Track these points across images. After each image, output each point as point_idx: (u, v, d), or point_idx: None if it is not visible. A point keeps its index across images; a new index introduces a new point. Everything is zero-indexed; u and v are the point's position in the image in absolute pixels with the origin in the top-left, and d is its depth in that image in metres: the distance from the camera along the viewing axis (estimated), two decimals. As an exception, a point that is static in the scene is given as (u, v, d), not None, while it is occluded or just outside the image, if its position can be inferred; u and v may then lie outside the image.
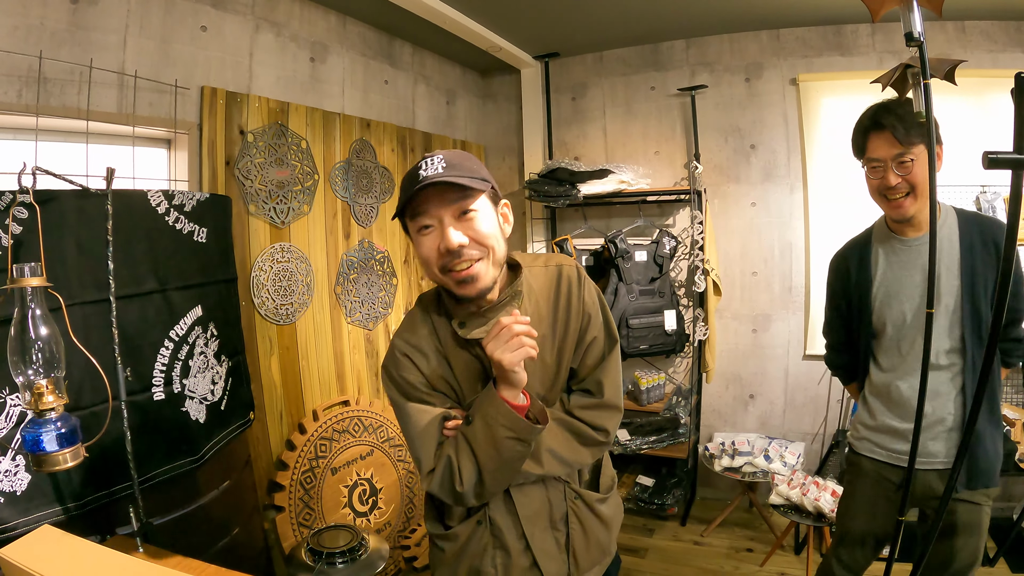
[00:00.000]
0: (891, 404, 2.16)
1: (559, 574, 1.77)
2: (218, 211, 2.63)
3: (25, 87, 2.17)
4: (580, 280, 1.72)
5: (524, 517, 1.73)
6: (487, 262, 1.53)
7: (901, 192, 1.99)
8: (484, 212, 1.54)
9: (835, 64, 4.10)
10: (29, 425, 1.46)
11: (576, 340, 1.69)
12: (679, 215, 4.58)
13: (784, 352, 4.40)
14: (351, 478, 3.54)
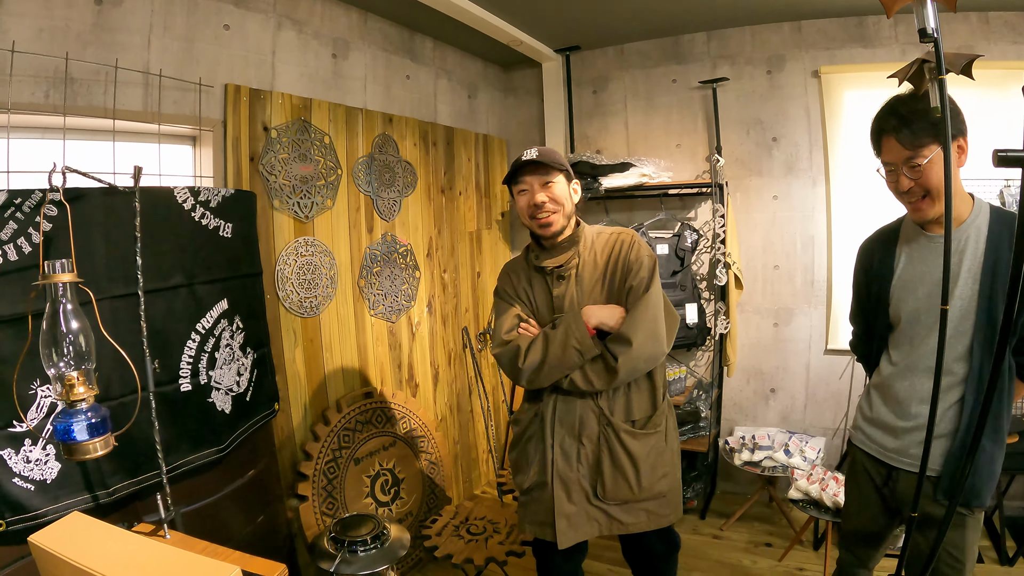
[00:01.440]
0: (889, 400, 2.13)
1: (569, 477, 2.42)
2: (243, 206, 2.68)
3: (52, 88, 2.22)
4: (632, 243, 2.40)
5: (558, 420, 2.43)
6: (559, 215, 2.38)
7: (916, 195, 1.93)
8: (559, 184, 2.39)
9: (857, 56, 4.07)
10: (60, 415, 1.51)
11: (620, 284, 2.38)
12: (701, 208, 4.57)
13: (806, 346, 4.39)
14: (373, 468, 3.60)
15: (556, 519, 2.42)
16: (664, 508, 2.48)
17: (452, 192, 4.54)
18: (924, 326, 2.03)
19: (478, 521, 3.34)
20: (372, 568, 2.49)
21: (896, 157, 1.92)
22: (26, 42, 2.11)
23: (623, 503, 2.43)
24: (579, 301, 2.40)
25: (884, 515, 2.24)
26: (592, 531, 2.46)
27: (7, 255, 1.79)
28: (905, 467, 2.08)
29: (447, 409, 4.51)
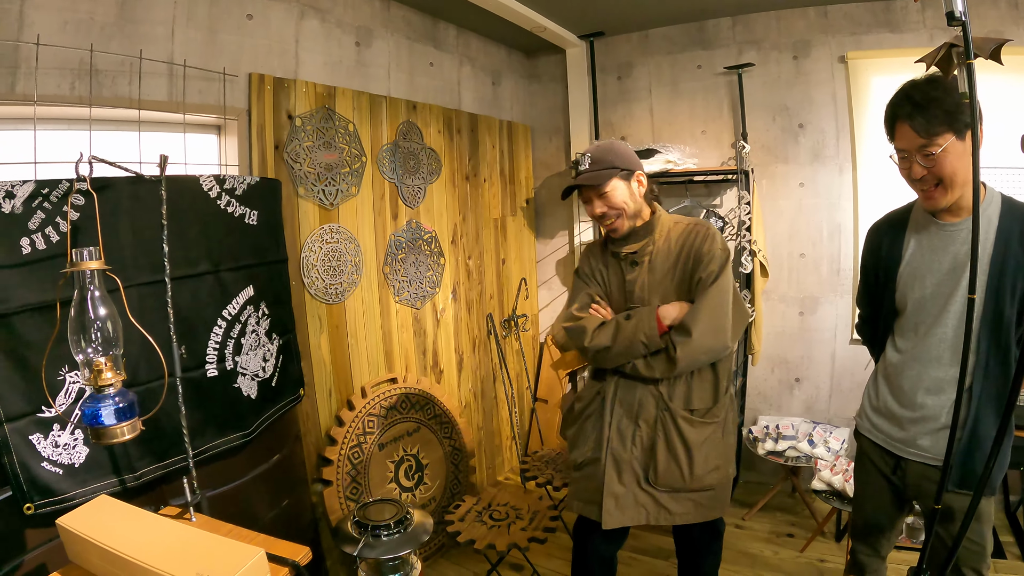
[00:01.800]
0: (895, 389, 2.11)
1: (622, 458, 2.48)
2: (268, 194, 2.70)
3: (77, 79, 2.24)
4: (705, 235, 2.39)
5: (618, 401, 2.51)
6: (622, 219, 2.44)
7: (929, 183, 1.89)
8: (616, 190, 2.40)
9: (884, 41, 3.99)
10: (88, 400, 1.53)
11: (690, 275, 2.39)
12: (726, 195, 4.53)
13: (831, 336, 4.34)
14: (398, 454, 3.63)
15: (604, 498, 2.47)
16: (712, 502, 2.51)
17: (477, 179, 4.54)
18: (930, 315, 2.00)
19: (501, 507, 3.36)
20: (395, 552, 2.52)
21: (909, 144, 1.88)
22: (51, 35, 2.13)
23: (673, 491, 2.47)
24: (649, 288, 2.45)
25: (893, 504, 2.23)
26: (639, 517, 2.49)
27: (35, 244, 1.83)
28: (913, 458, 2.06)
29: (471, 395, 4.53)
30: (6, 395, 1.78)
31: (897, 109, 1.90)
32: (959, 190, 1.87)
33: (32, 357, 1.81)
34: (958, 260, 1.93)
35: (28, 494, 1.83)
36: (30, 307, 1.81)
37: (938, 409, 1.99)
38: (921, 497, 2.10)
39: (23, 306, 1.80)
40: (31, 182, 1.82)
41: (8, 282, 1.78)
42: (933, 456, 2.01)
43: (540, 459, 3.97)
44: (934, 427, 2.00)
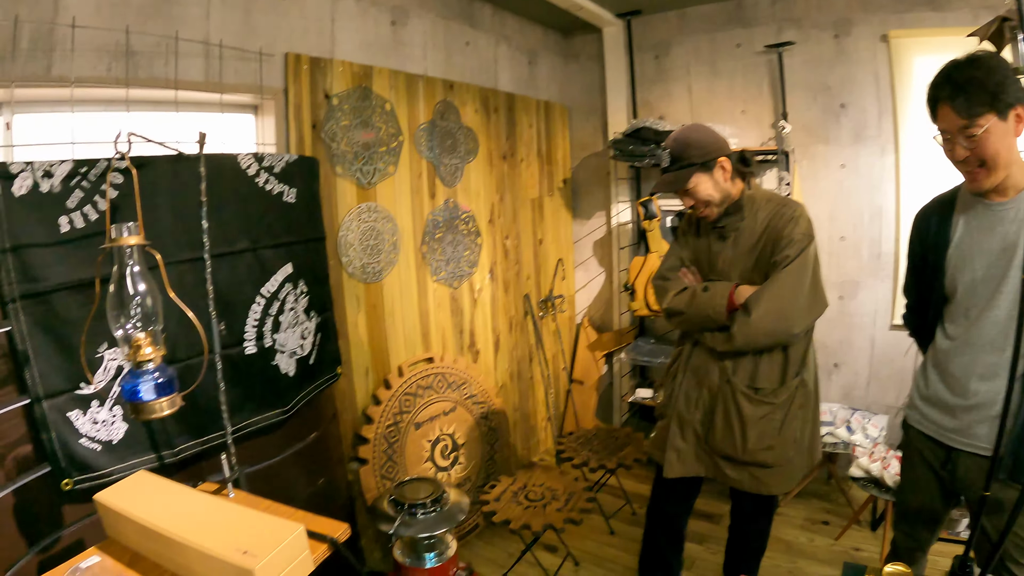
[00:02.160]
0: (946, 376, 2.05)
1: (685, 418, 2.67)
2: (306, 172, 2.70)
3: (114, 61, 2.25)
4: (791, 218, 2.42)
5: (690, 366, 2.68)
6: (711, 207, 2.51)
7: (972, 164, 1.83)
8: (699, 184, 2.46)
9: (927, 20, 3.84)
10: (128, 376, 1.54)
11: (768, 255, 2.44)
12: (766, 176, 4.43)
13: (871, 321, 4.25)
14: (434, 433, 3.64)
15: (667, 450, 2.70)
16: (769, 478, 2.57)
17: (514, 159, 4.51)
18: (982, 298, 1.93)
19: (536, 488, 3.35)
20: (431, 531, 2.53)
21: (951, 125, 1.82)
22: (86, 17, 2.14)
23: (729, 459, 2.60)
24: (731, 262, 2.55)
25: (941, 497, 2.18)
26: (700, 470, 2.70)
27: (73, 223, 1.84)
28: (965, 448, 2.00)
29: (507, 376, 4.53)
30: (45, 372, 1.81)
31: (938, 91, 1.85)
32: (1003, 171, 1.82)
33: (70, 335, 1.83)
34: (1008, 240, 1.87)
35: (66, 470, 1.86)
36: (68, 285, 1.84)
37: (992, 396, 1.91)
38: (969, 490, 2.04)
39: (61, 284, 1.83)
40: (69, 161, 1.83)
41: (46, 260, 1.80)
42: (986, 447, 1.93)
43: (576, 440, 3.96)
44: (989, 415, 1.93)
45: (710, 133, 2.54)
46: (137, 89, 2.31)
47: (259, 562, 1.32)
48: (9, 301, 1.74)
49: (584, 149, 5.26)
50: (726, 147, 2.52)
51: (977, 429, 1.96)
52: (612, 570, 3.48)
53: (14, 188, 1.73)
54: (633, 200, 4.91)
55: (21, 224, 1.75)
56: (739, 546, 2.95)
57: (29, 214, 1.77)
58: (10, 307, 1.74)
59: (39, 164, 1.78)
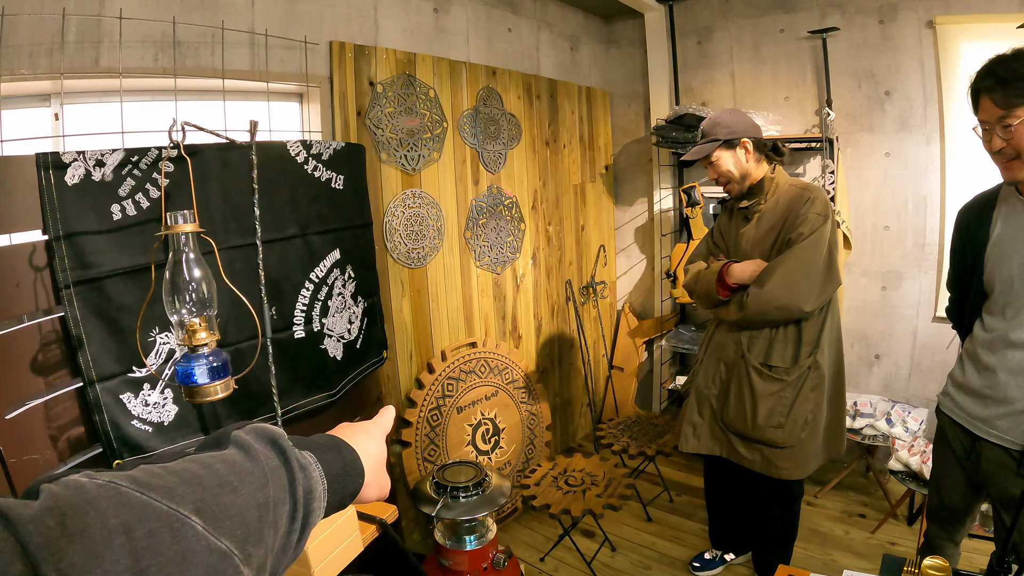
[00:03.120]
0: (981, 368, 2.05)
1: (702, 393, 2.84)
2: (353, 159, 2.74)
3: (161, 51, 2.30)
4: (809, 200, 2.54)
5: (712, 344, 2.85)
6: (732, 183, 2.71)
7: (1008, 156, 1.83)
8: (721, 159, 2.67)
9: (973, 6, 3.70)
10: (182, 360, 1.59)
11: (787, 233, 2.55)
12: (810, 164, 4.37)
13: (913, 312, 4.17)
14: (475, 417, 3.67)
15: (683, 425, 2.89)
16: (780, 460, 2.66)
17: (556, 145, 4.51)
18: (1018, 296, 1.93)
19: (576, 473, 3.38)
20: (472, 514, 2.57)
21: (990, 116, 1.83)
22: (132, 9, 2.18)
23: (741, 436, 2.72)
24: (753, 243, 2.70)
25: (968, 488, 2.18)
26: (714, 448, 2.83)
27: (125, 210, 1.89)
28: (989, 438, 2.00)
29: (548, 361, 4.55)
30: (97, 356, 1.86)
31: (979, 82, 1.85)
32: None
33: (123, 319, 1.89)
34: None
35: (118, 451, 1.92)
36: (121, 271, 1.89)
37: (1020, 391, 1.93)
38: (991, 483, 2.04)
39: (114, 270, 1.88)
40: (120, 151, 1.88)
41: (100, 247, 1.85)
42: (1010, 439, 1.95)
43: (615, 426, 3.97)
44: (1015, 409, 1.94)
45: (741, 117, 2.71)
46: (184, 79, 2.36)
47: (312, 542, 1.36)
48: (63, 287, 1.79)
49: (626, 135, 5.24)
50: (754, 132, 2.69)
51: (1003, 421, 1.97)
52: (648, 556, 3.49)
53: (67, 177, 1.78)
54: (676, 187, 4.87)
55: (74, 212, 1.81)
56: (760, 531, 2.99)
57: (81, 202, 1.82)
58: (64, 293, 1.80)
59: (91, 153, 1.82)
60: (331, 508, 0.79)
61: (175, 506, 0.55)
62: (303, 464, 0.74)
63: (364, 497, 0.89)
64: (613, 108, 5.26)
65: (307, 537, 0.73)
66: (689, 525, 3.77)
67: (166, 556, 0.52)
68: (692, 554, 3.41)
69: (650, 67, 4.88)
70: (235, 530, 0.59)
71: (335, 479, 0.79)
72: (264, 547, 0.63)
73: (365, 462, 0.87)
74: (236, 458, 0.67)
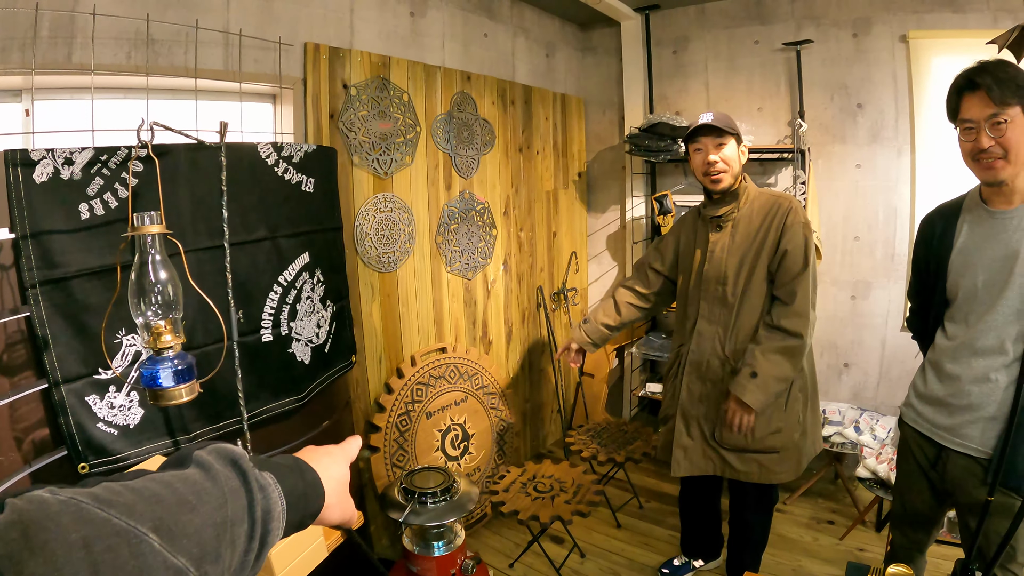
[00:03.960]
0: (943, 376, 2.08)
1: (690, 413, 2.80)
2: (324, 162, 2.72)
3: (134, 49, 2.27)
4: (789, 209, 2.59)
5: (690, 362, 2.81)
6: (728, 174, 2.67)
7: (995, 155, 1.85)
8: (730, 146, 2.66)
9: (947, 21, 3.80)
10: (147, 362, 1.56)
11: (773, 245, 2.59)
12: (781, 174, 4.42)
13: (883, 322, 4.23)
14: (445, 423, 3.66)
15: (674, 448, 2.84)
16: (776, 465, 2.70)
17: (530, 151, 4.52)
18: (981, 303, 1.96)
19: (545, 479, 3.38)
20: (441, 520, 2.55)
21: (979, 114, 1.84)
22: (107, 5, 2.15)
23: (738, 450, 2.72)
24: (730, 249, 2.70)
25: (933, 498, 2.21)
26: (707, 468, 2.81)
27: (94, 210, 1.87)
28: (955, 447, 2.03)
29: (518, 367, 4.55)
30: (63, 357, 1.83)
31: (974, 77, 1.86)
32: (1017, 166, 1.84)
33: (89, 320, 1.86)
34: (1010, 248, 1.90)
35: (83, 454, 1.89)
36: (88, 271, 1.86)
37: (984, 398, 1.96)
38: (958, 491, 2.07)
39: (81, 270, 1.85)
40: (89, 149, 1.85)
41: (67, 247, 1.83)
42: (976, 448, 1.97)
43: (585, 433, 3.98)
44: (980, 416, 1.97)
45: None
46: (157, 77, 2.33)
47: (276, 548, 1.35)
48: (29, 287, 1.76)
49: (600, 143, 5.26)
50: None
51: (968, 429, 2.00)
52: (618, 562, 3.49)
53: (35, 175, 1.76)
54: (648, 195, 4.90)
55: (41, 211, 1.78)
56: (742, 539, 2.99)
57: (49, 201, 1.79)
58: (30, 293, 1.76)
59: (60, 151, 1.80)
60: (291, 528, 0.81)
61: (134, 523, 0.56)
62: (263, 485, 0.76)
63: (326, 519, 0.91)
64: (588, 115, 5.29)
65: (265, 556, 0.74)
66: (659, 531, 3.78)
67: (124, 571, 0.53)
68: (661, 560, 3.42)
69: (625, 75, 4.92)
70: (192, 548, 0.60)
71: (295, 500, 0.81)
72: (221, 565, 0.64)
73: (327, 483, 0.90)
74: (196, 477, 0.68)
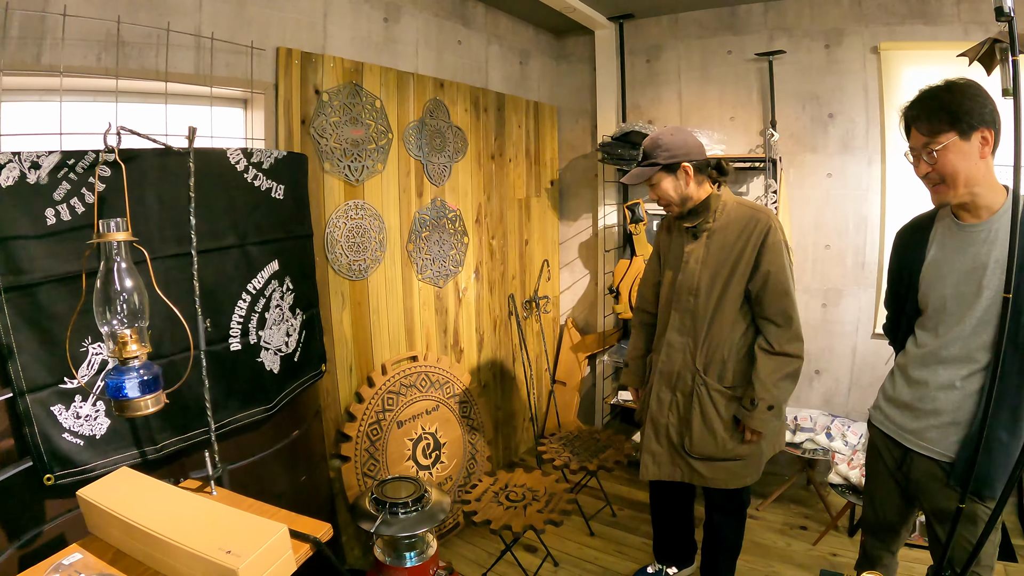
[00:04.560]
0: (911, 382, 2.13)
1: (659, 421, 2.81)
2: (295, 169, 2.69)
3: (104, 51, 2.23)
4: (770, 229, 2.55)
5: (659, 372, 2.81)
6: (672, 205, 2.69)
7: (933, 180, 1.95)
8: (662, 182, 2.64)
9: (918, 33, 3.89)
10: (112, 372, 1.53)
11: (749, 263, 2.58)
12: (753, 183, 4.46)
13: (853, 329, 4.29)
14: (416, 432, 3.64)
15: (642, 454, 2.88)
16: (744, 470, 2.74)
17: (502, 159, 4.52)
18: (951, 314, 2.01)
19: (517, 488, 3.36)
20: (412, 530, 2.53)
21: (917, 142, 1.96)
22: (77, 6, 2.12)
23: (706, 459, 2.74)
24: (704, 260, 2.68)
25: (901, 500, 2.25)
26: (675, 474, 2.83)
27: (60, 215, 1.83)
28: (920, 450, 2.08)
29: (490, 376, 4.53)
30: (28, 366, 1.79)
31: (907, 111, 2.00)
32: (963, 188, 1.91)
33: (55, 328, 1.82)
34: (977, 261, 1.95)
35: (48, 465, 1.84)
36: (54, 278, 1.82)
37: (948, 405, 2.01)
38: (923, 495, 2.12)
39: (47, 277, 1.81)
40: (57, 153, 1.81)
41: (32, 253, 1.78)
42: (939, 452, 2.03)
43: (557, 441, 3.97)
44: (943, 421, 2.02)
45: (685, 138, 2.68)
46: (127, 80, 2.30)
47: (243, 562, 1.32)
48: (-6, 293, 1.72)
49: (573, 151, 5.28)
50: (697, 153, 2.66)
51: (931, 433, 2.05)
52: (591, 571, 3.48)
53: (1, 179, 1.71)
54: (620, 203, 4.92)
55: (6, 215, 1.73)
56: (713, 542, 3.01)
57: (15, 205, 1.75)
58: (-6, 300, 1.72)
59: (26, 155, 1.76)
60: None
61: None
62: None
63: None
64: (561, 123, 5.30)
65: None
66: (632, 539, 3.78)
67: None
68: (635, 568, 3.42)
69: (598, 84, 4.95)
70: None
71: None
72: None
73: None
74: None
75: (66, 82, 2.09)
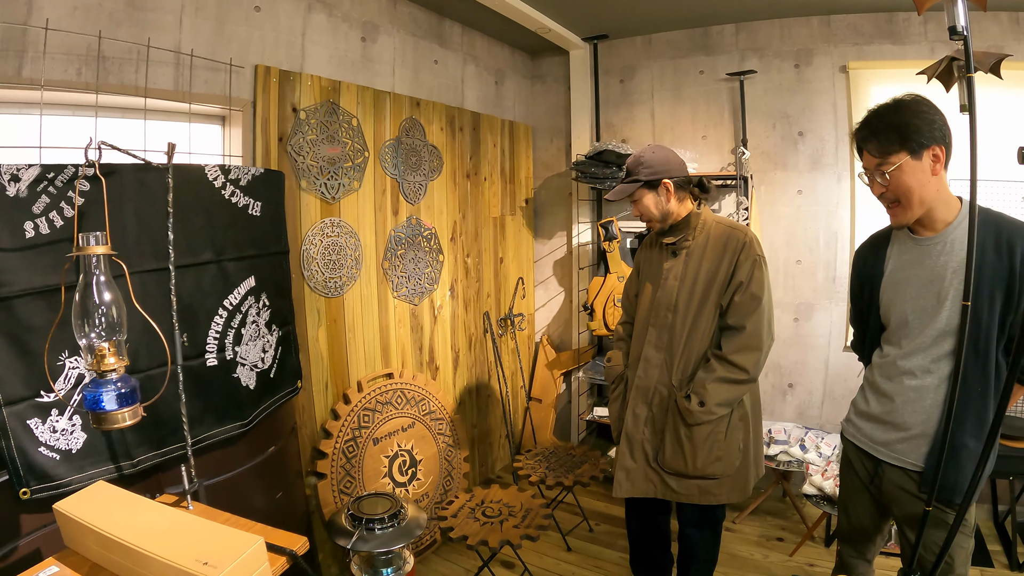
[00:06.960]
0: (878, 394, 2.17)
1: (634, 437, 2.80)
2: (272, 186, 2.70)
3: (84, 65, 2.25)
4: (746, 244, 2.60)
5: (635, 387, 2.81)
6: (653, 221, 2.73)
7: (888, 200, 2.01)
8: (644, 198, 2.71)
9: (886, 52, 4.02)
10: (90, 385, 1.53)
11: (725, 279, 2.60)
12: (725, 200, 4.54)
13: (825, 342, 4.36)
14: (392, 449, 3.64)
15: (616, 470, 2.86)
16: (717, 488, 2.72)
17: (477, 177, 4.55)
18: (913, 327, 2.05)
19: (494, 504, 3.37)
20: (388, 546, 2.53)
21: (869, 164, 2.01)
22: (60, 20, 2.14)
23: (678, 475, 2.73)
24: (682, 277, 2.71)
25: (875, 509, 2.28)
26: (648, 490, 2.82)
27: (39, 228, 1.83)
28: (891, 461, 2.11)
29: (466, 393, 4.54)
30: (5, 379, 1.78)
31: (857, 133, 2.04)
32: (919, 207, 1.96)
33: (32, 341, 1.81)
34: (934, 273, 1.99)
35: (24, 479, 1.83)
36: (32, 291, 1.81)
37: (916, 417, 2.04)
38: (895, 503, 2.15)
39: (25, 290, 1.80)
40: (36, 166, 1.82)
41: (11, 265, 1.78)
42: (910, 461, 2.06)
43: (533, 457, 3.98)
44: (913, 434, 2.05)
45: (667, 155, 2.74)
46: (106, 95, 2.31)
47: (219, 573, 1.33)
48: (-30, 306, 1.71)
49: (547, 169, 5.33)
50: (678, 171, 2.72)
51: (901, 444, 2.08)
52: (567, 587, 3.49)
53: (-21, 192, 1.72)
54: (594, 221, 4.98)
55: (-15, 228, 1.74)
56: (686, 556, 3.01)
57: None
58: (-29, 312, 1.72)
59: (6, 168, 1.76)
60: None
61: None
62: None
63: None
64: (535, 142, 5.36)
65: None
66: (609, 554, 3.79)
67: None
68: (611, 583, 3.43)
69: (573, 103, 5.02)
70: None
71: None
72: None
73: None
74: None
75: (47, 95, 2.10)
